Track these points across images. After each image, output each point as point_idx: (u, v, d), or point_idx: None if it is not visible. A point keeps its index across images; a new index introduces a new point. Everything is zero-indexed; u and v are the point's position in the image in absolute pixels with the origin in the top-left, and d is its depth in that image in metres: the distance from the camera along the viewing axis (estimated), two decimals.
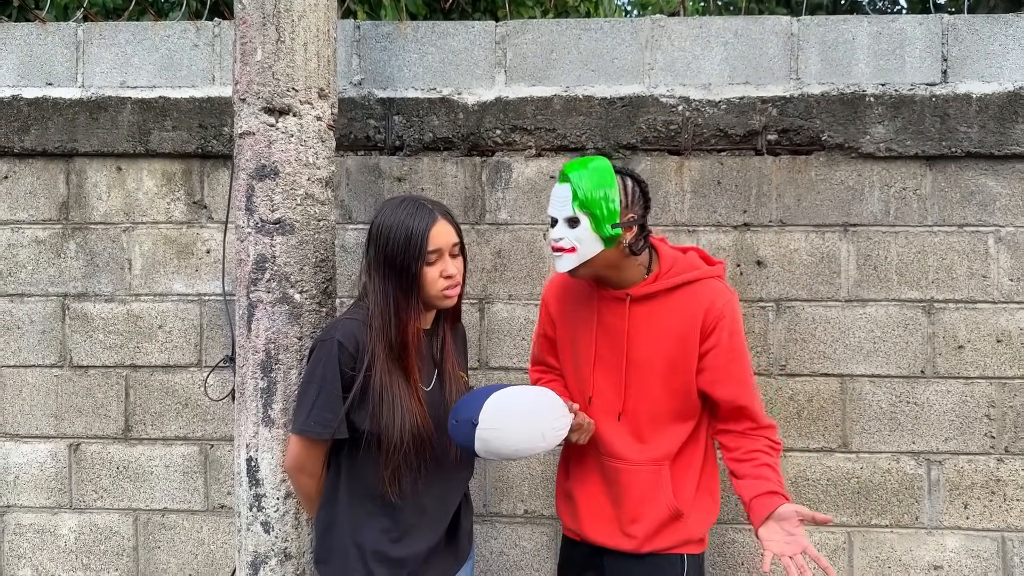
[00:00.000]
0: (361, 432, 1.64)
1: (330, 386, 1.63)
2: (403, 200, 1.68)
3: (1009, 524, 2.42)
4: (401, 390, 1.64)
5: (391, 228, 1.64)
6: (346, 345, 1.64)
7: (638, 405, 1.83)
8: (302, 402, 1.67)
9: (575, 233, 1.71)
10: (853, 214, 2.45)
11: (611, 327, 1.84)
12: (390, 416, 1.62)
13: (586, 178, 1.71)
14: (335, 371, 1.63)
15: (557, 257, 1.75)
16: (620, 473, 1.84)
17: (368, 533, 1.66)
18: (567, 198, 1.71)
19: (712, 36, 2.47)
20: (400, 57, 2.51)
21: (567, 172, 1.73)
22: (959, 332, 2.43)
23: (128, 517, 2.59)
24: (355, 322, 1.67)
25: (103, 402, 2.59)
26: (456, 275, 1.69)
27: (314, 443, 1.67)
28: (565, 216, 1.72)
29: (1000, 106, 2.39)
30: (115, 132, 2.55)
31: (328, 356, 1.64)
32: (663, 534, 1.82)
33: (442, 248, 1.66)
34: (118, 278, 2.59)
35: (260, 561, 1.82)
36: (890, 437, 2.44)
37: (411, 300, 1.64)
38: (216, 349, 2.55)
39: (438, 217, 1.66)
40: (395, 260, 1.63)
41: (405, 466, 1.64)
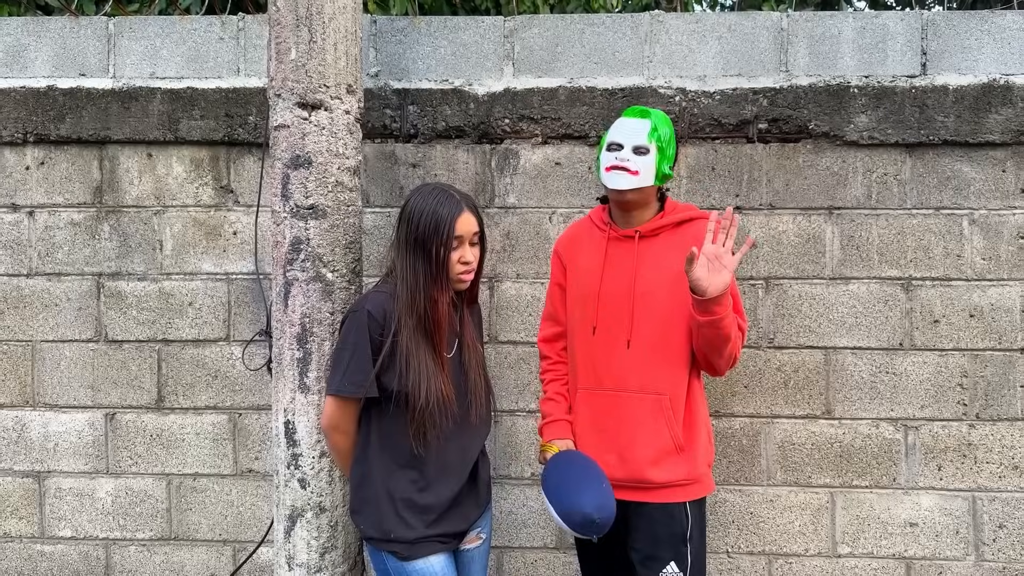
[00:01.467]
0: (390, 392, 1.83)
1: (361, 351, 1.82)
2: (435, 188, 1.87)
3: (979, 485, 2.62)
4: (426, 356, 1.83)
5: (422, 213, 1.83)
6: (375, 315, 1.83)
7: (645, 334, 1.99)
8: (336, 366, 1.86)
9: (642, 160, 1.96)
10: (837, 198, 2.63)
11: (619, 263, 2.03)
12: (416, 380, 1.80)
13: (663, 121, 2.02)
14: (365, 337, 1.82)
15: (617, 175, 1.96)
16: (623, 402, 1.99)
17: (398, 483, 1.86)
18: (644, 130, 1.98)
19: (707, 31, 2.64)
20: (414, 50, 2.67)
21: (644, 110, 2.02)
22: (935, 307, 2.62)
23: (161, 481, 2.78)
24: (383, 295, 1.86)
25: (137, 374, 2.77)
26: (472, 262, 1.89)
27: (347, 402, 1.86)
28: (636, 144, 1.97)
29: (975, 97, 2.56)
30: (146, 121, 2.70)
31: (359, 324, 1.83)
32: (665, 465, 1.97)
33: (464, 236, 1.85)
34: (150, 258, 2.76)
35: (297, 515, 2.01)
36: (870, 405, 2.63)
37: (439, 279, 1.83)
38: (243, 324, 2.73)
39: (464, 208, 1.85)
40: (424, 242, 1.83)
41: (430, 423, 1.83)
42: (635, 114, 2.04)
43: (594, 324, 2.04)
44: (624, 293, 2.01)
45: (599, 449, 2.02)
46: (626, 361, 2.00)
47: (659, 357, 2.00)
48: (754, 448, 2.66)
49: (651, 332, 2.00)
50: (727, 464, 2.66)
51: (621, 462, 1.99)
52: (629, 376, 2.00)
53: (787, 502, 2.66)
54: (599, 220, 2.14)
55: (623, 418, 2.01)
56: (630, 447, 1.99)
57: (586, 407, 2.07)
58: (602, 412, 2.04)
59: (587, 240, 2.14)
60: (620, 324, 2.01)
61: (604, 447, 2.02)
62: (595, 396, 2.05)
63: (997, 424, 2.61)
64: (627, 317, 2.00)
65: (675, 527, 2.00)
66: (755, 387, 2.65)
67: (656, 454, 1.98)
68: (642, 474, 1.98)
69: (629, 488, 2.00)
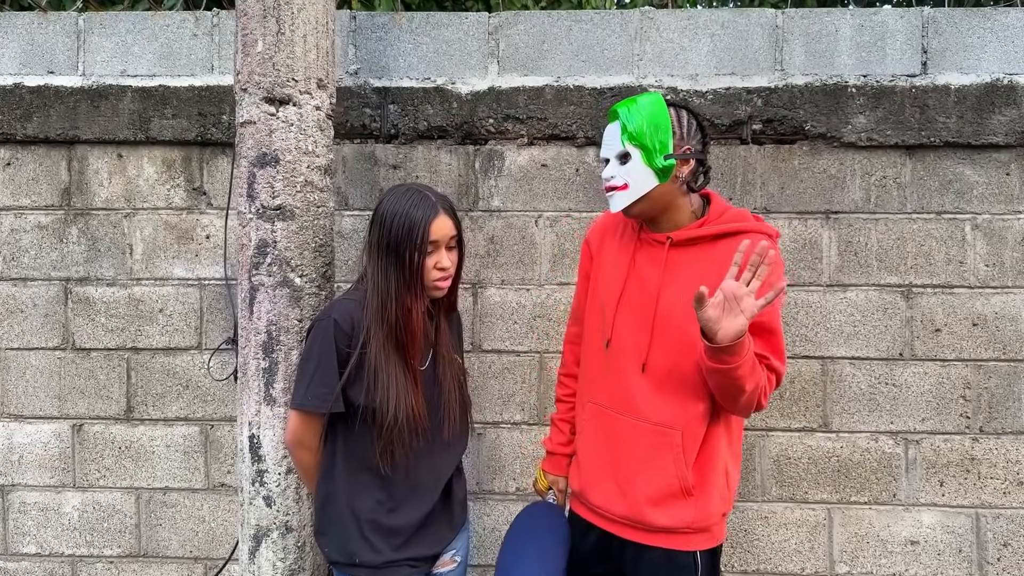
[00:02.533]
0: (356, 407, 1.72)
1: (326, 363, 1.71)
2: (409, 189, 1.75)
3: (983, 501, 2.51)
4: (396, 370, 1.71)
5: (395, 215, 1.71)
6: (341, 324, 1.71)
7: (662, 359, 1.74)
8: (300, 378, 1.75)
9: (626, 169, 1.71)
10: (835, 202, 2.53)
11: (645, 272, 1.78)
12: (385, 395, 1.69)
13: (635, 111, 1.70)
14: (331, 348, 1.71)
15: (610, 197, 1.75)
16: (629, 429, 1.76)
17: (364, 504, 1.74)
18: (616, 134, 1.72)
19: (699, 28, 2.54)
20: (395, 47, 2.57)
21: (616, 109, 1.73)
22: (936, 316, 2.51)
23: (130, 495, 2.66)
24: (352, 302, 1.75)
25: (105, 384, 2.65)
26: (449, 268, 1.76)
27: (311, 417, 1.74)
28: (616, 153, 1.72)
29: (977, 97, 2.46)
30: (116, 120, 2.60)
31: (324, 334, 1.71)
32: (668, 508, 1.74)
33: (439, 240, 1.74)
34: (119, 263, 2.65)
35: (262, 534, 1.90)
36: (869, 417, 2.53)
37: (413, 287, 1.72)
38: (216, 332, 2.62)
39: (440, 210, 1.74)
40: (397, 246, 1.71)
41: (398, 441, 1.71)
42: (610, 118, 1.78)
43: (608, 337, 1.81)
44: (646, 308, 1.77)
45: (601, 474, 1.83)
46: (639, 386, 1.76)
47: (674, 386, 1.74)
48: (748, 462, 2.55)
49: (669, 357, 1.74)
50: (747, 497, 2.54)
51: (621, 495, 1.78)
52: (640, 403, 1.76)
53: (783, 519, 2.55)
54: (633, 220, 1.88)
55: (627, 447, 1.78)
56: (630, 481, 1.77)
57: (593, 424, 1.86)
58: (608, 434, 1.82)
59: (619, 237, 1.90)
60: (637, 344, 1.77)
61: (606, 474, 1.82)
62: (603, 414, 1.83)
63: (1002, 438, 2.50)
64: (645, 337, 1.76)
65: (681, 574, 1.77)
66: None
67: (658, 493, 1.74)
68: (641, 514, 1.75)
69: (629, 526, 1.79)
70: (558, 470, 2.07)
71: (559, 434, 2.08)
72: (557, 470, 2.08)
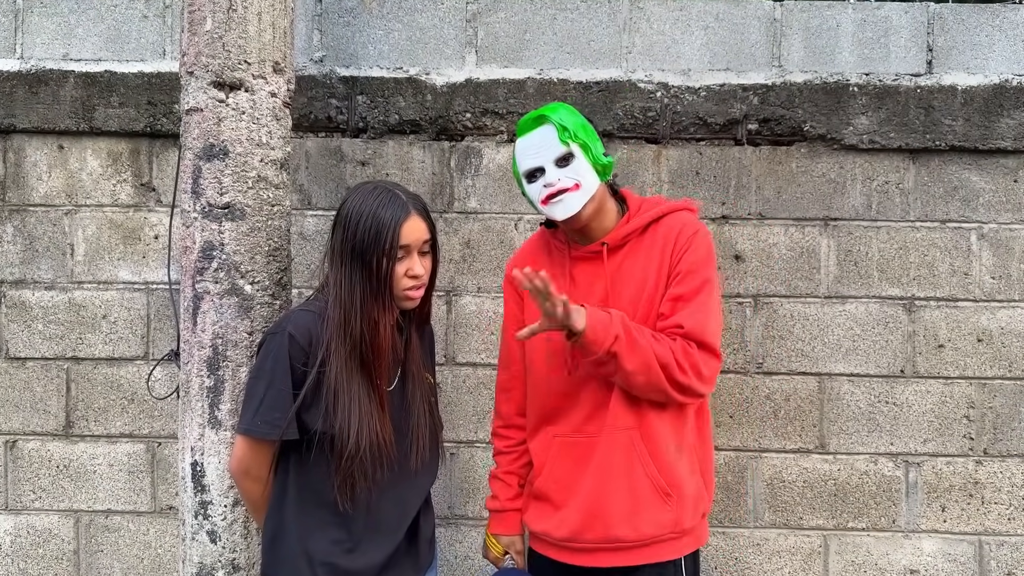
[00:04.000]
0: (312, 433, 1.52)
1: (279, 383, 1.51)
2: (376, 187, 1.56)
3: (987, 527, 2.37)
4: (360, 391, 1.52)
5: (360, 216, 1.52)
6: (298, 338, 1.52)
7: None
8: (249, 400, 1.54)
9: (571, 169, 1.62)
10: (834, 208, 2.37)
11: (588, 286, 1.71)
12: (345, 419, 1.49)
13: (564, 112, 1.66)
14: (285, 366, 1.51)
15: (557, 202, 1.62)
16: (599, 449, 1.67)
17: (318, 543, 1.54)
18: (552, 137, 1.63)
19: (692, 20, 2.37)
20: (364, 33, 2.37)
21: (542, 114, 1.65)
22: (940, 331, 2.36)
23: (69, 519, 2.44)
24: (310, 314, 1.55)
25: (42, 396, 2.43)
26: (422, 275, 1.57)
27: (261, 444, 1.54)
28: (555, 156, 1.63)
29: (985, 99, 2.32)
30: (57, 108, 2.38)
31: (278, 350, 1.52)
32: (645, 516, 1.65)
33: (411, 245, 1.55)
34: (59, 264, 2.42)
35: (206, 573, 1.69)
36: (868, 438, 2.37)
37: (381, 297, 1.52)
38: (164, 341, 2.40)
39: (411, 211, 1.54)
40: (363, 252, 1.51)
41: (359, 473, 1.51)
42: (530, 126, 1.67)
43: (570, 366, 1.69)
44: None
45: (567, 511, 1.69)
46: (603, 397, 1.67)
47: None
48: (740, 485, 2.38)
49: None
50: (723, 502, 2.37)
51: (590, 519, 1.66)
52: (604, 413, 1.67)
53: (776, 546, 2.38)
54: (556, 240, 1.80)
55: (595, 466, 1.67)
56: (598, 499, 1.66)
57: (562, 459, 1.72)
58: (578, 462, 1.70)
59: (546, 262, 1.78)
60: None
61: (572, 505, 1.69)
62: (571, 445, 1.71)
63: (1007, 460, 2.35)
64: None
65: None
66: (741, 417, 2.37)
67: (627, 504, 1.65)
68: (610, 531, 1.65)
69: (599, 551, 1.67)
70: (512, 529, 1.84)
71: (507, 488, 1.84)
72: (511, 529, 1.84)
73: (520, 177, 1.71)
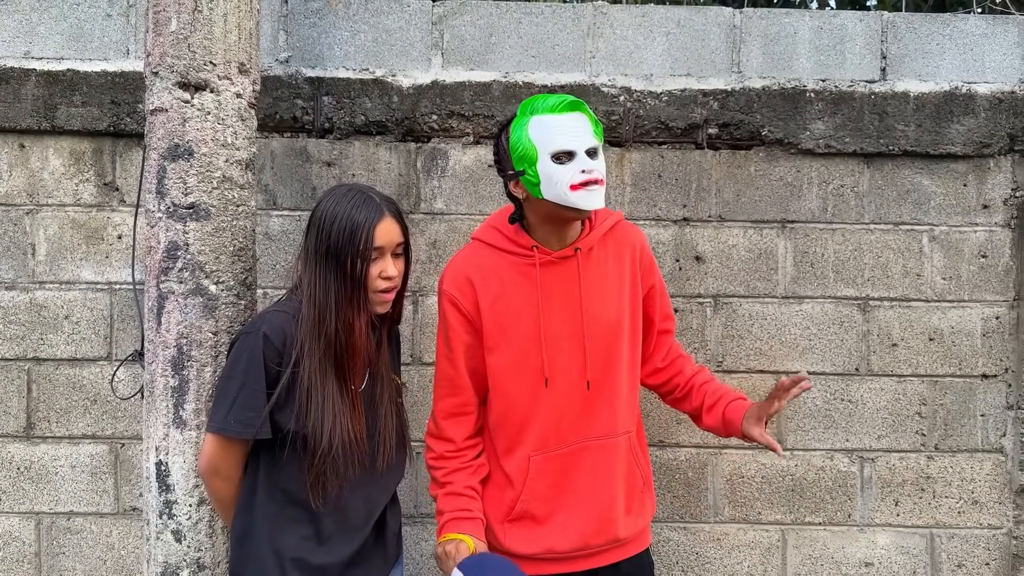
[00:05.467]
0: (285, 433, 1.54)
1: (253, 382, 1.53)
2: (351, 189, 1.59)
3: (938, 521, 2.44)
4: (333, 391, 1.54)
5: (335, 218, 1.54)
6: (272, 339, 1.54)
7: (602, 368, 1.70)
8: (221, 398, 1.55)
9: (600, 163, 1.60)
10: (791, 210, 2.43)
11: (558, 291, 1.68)
12: (319, 418, 1.51)
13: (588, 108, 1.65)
14: (259, 366, 1.53)
15: (593, 191, 1.56)
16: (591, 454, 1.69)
17: (287, 539, 1.56)
18: (587, 127, 1.59)
19: (655, 25, 2.42)
20: (331, 35, 2.38)
21: (576, 101, 1.60)
22: (893, 330, 2.43)
23: (29, 521, 2.41)
24: (284, 315, 1.58)
25: (2, 398, 2.40)
26: (395, 277, 1.60)
27: (232, 443, 1.56)
28: (589, 146, 1.58)
29: (936, 105, 2.39)
30: (17, 106, 2.35)
31: (252, 350, 1.53)
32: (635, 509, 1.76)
33: (385, 247, 1.57)
34: (20, 264, 2.40)
35: (171, 572, 1.69)
36: (824, 435, 2.43)
37: (356, 298, 1.55)
38: (128, 342, 2.39)
39: (385, 213, 1.57)
40: (337, 253, 1.54)
41: (332, 471, 1.53)
42: (564, 108, 1.59)
43: (546, 374, 1.67)
44: (573, 326, 1.68)
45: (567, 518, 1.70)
46: (587, 405, 1.69)
47: (620, 390, 1.72)
48: (700, 482, 2.43)
49: (610, 363, 1.71)
50: (671, 499, 2.42)
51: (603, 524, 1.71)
52: (593, 421, 1.70)
53: (735, 540, 2.44)
54: (514, 246, 1.71)
55: (594, 473, 1.70)
56: (610, 505, 1.71)
57: (543, 475, 1.70)
58: (566, 473, 1.71)
59: (501, 276, 1.70)
60: (574, 365, 1.69)
61: (573, 513, 1.70)
62: (554, 459, 1.70)
63: (956, 456, 2.43)
64: (580, 354, 1.68)
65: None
66: None
67: (631, 503, 1.74)
68: (618, 532, 1.72)
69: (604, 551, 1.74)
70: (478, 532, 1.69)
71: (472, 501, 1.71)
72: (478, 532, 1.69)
73: (536, 155, 1.58)
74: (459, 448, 1.75)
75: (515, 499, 1.71)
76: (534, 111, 1.60)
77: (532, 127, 1.59)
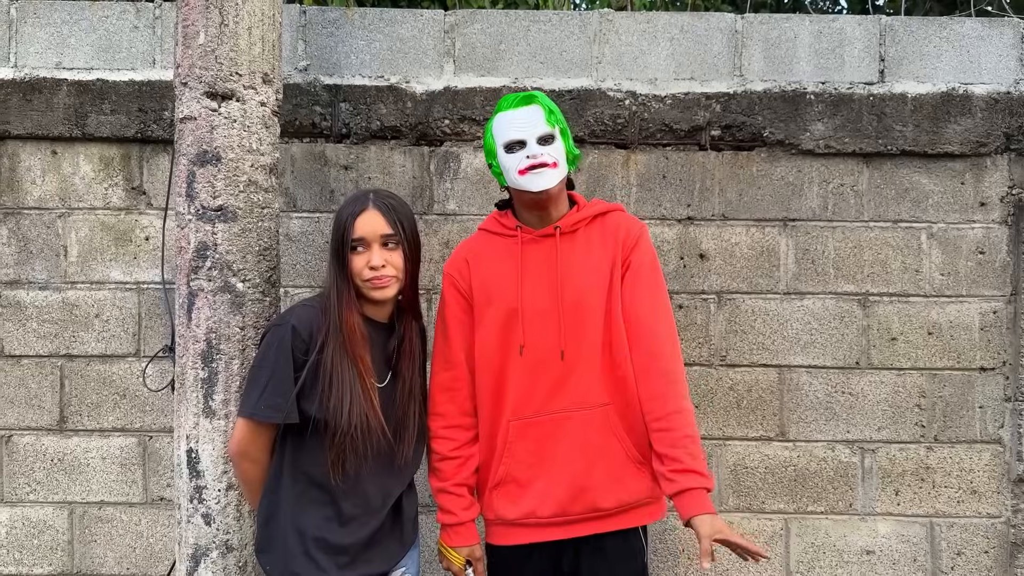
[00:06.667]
0: (309, 419, 1.64)
1: (282, 370, 1.63)
2: (359, 190, 1.74)
3: (937, 510, 2.51)
4: (350, 378, 1.64)
5: (334, 217, 1.72)
6: (299, 330, 1.65)
7: (578, 340, 1.78)
8: (252, 385, 1.67)
9: (551, 149, 1.75)
10: (792, 209, 2.51)
11: (539, 268, 1.81)
12: (338, 399, 1.62)
13: (546, 99, 1.79)
14: (287, 356, 1.64)
15: (537, 175, 1.73)
16: (565, 423, 1.77)
17: (310, 520, 1.66)
18: (539, 116, 1.75)
19: (659, 31, 2.50)
20: (347, 43, 2.49)
21: (531, 95, 1.77)
22: (892, 325, 2.51)
23: (63, 510, 2.53)
24: (312, 309, 1.70)
25: (37, 393, 2.51)
26: (381, 266, 1.67)
27: (261, 428, 1.66)
28: (539, 134, 1.75)
29: (934, 106, 2.47)
30: (50, 115, 2.47)
31: (281, 341, 1.65)
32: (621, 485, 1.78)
33: (367, 238, 1.68)
34: (53, 265, 2.51)
35: (201, 554, 1.79)
36: (826, 426, 2.51)
37: (346, 290, 1.67)
38: (155, 339, 2.50)
39: (368, 206, 1.68)
40: (334, 249, 1.70)
41: (351, 448, 1.64)
42: (518, 103, 1.77)
43: (521, 343, 1.79)
44: (550, 300, 1.80)
45: (549, 484, 1.78)
46: (562, 376, 1.78)
47: (598, 364, 1.79)
48: None
49: (585, 337, 1.79)
50: None
51: (578, 492, 1.77)
52: (568, 392, 1.78)
53: (740, 529, 2.51)
54: (503, 228, 1.89)
55: (570, 442, 1.78)
56: (585, 473, 1.77)
57: (522, 440, 1.80)
58: (544, 440, 1.79)
59: (491, 255, 1.87)
60: (549, 336, 1.79)
61: (552, 480, 1.78)
62: (532, 425, 1.79)
63: (956, 447, 2.50)
64: (555, 325, 1.78)
65: (635, 560, 1.83)
66: (706, 407, 2.51)
67: (609, 476, 1.78)
68: (595, 502, 1.77)
69: (583, 521, 1.79)
70: (469, 539, 1.85)
71: (458, 499, 1.85)
72: (468, 539, 1.85)
73: (495, 148, 1.80)
74: (450, 425, 1.86)
75: (499, 463, 1.83)
76: (497, 110, 1.82)
77: (494, 124, 1.82)
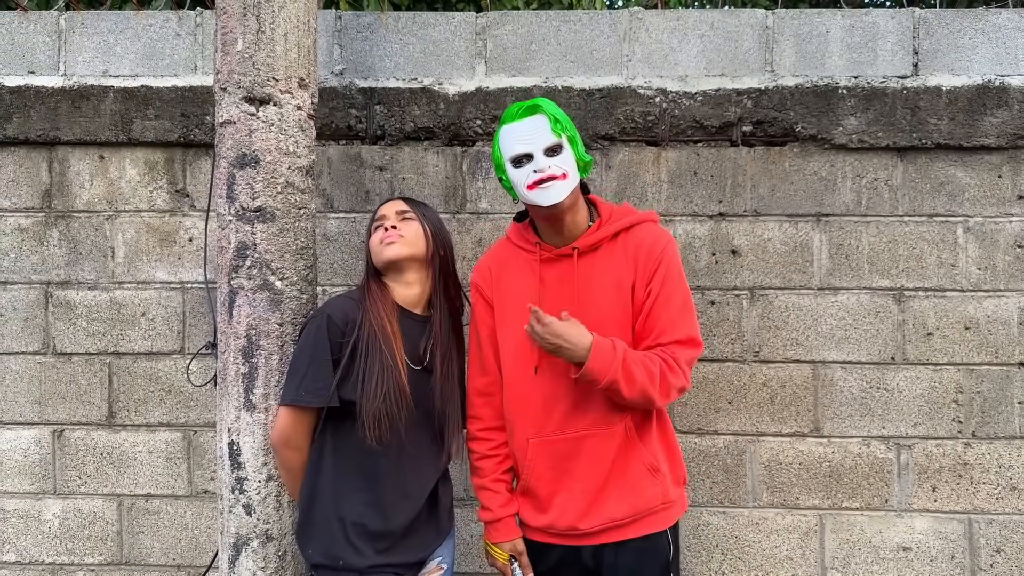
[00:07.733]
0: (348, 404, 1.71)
1: (320, 357, 1.71)
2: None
3: (976, 506, 2.48)
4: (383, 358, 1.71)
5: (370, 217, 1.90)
6: (335, 319, 1.73)
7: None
8: (292, 374, 1.73)
9: (559, 160, 1.69)
10: (826, 204, 2.50)
11: (557, 288, 1.78)
12: (371, 374, 1.69)
13: (552, 107, 1.73)
14: (324, 344, 1.71)
15: (545, 189, 1.67)
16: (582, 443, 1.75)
17: (351, 506, 1.72)
18: (544, 127, 1.69)
19: (689, 28, 2.51)
20: (381, 47, 2.54)
21: (536, 104, 1.71)
22: (928, 320, 2.49)
23: (112, 502, 2.62)
24: (349, 300, 1.78)
25: (87, 389, 2.61)
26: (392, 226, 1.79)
27: (303, 414, 1.73)
28: (546, 145, 1.69)
29: (969, 99, 2.44)
30: (97, 121, 2.56)
31: (318, 330, 1.72)
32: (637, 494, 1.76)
33: (386, 215, 1.83)
34: (101, 266, 2.61)
35: (242, 543, 1.86)
36: (861, 422, 2.50)
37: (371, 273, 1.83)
38: (198, 336, 2.58)
39: (394, 198, 1.89)
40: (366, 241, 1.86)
41: (384, 413, 1.68)
42: (522, 114, 1.71)
43: (536, 364, 1.76)
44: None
45: (566, 500, 1.79)
46: (580, 397, 1.75)
47: None
48: (739, 468, 2.52)
49: None
50: (710, 484, 2.51)
51: (594, 508, 1.76)
52: (587, 413, 1.75)
53: (774, 525, 2.52)
54: (523, 241, 1.85)
55: (587, 460, 1.76)
56: (601, 490, 1.76)
57: (542, 458, 1.80)
58: (559, 460, 1.78)
59: (512, 267, 1.84)
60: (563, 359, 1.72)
61: (569, 496, 1.78)
62: (551, 444, 1.78)
63: (994, 443, 2.47)
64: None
65: (659, 558, 1.81)
66: (740, 403, 2.51)
67: (625, 488, 1.77)
68: (610, 515, 1.76)
69: (599, 533, 1.79)
70: (510, 534, 1.86)
71: (496, 496, 1.86)
72: (509, 534, 1.86)
73: (503, 162, 1.75)
74: (487, 427, 1.88)
75: (523, 473, 1.84)
76: (502, 122, 1.76)
77: (500, 137, 1.76)
